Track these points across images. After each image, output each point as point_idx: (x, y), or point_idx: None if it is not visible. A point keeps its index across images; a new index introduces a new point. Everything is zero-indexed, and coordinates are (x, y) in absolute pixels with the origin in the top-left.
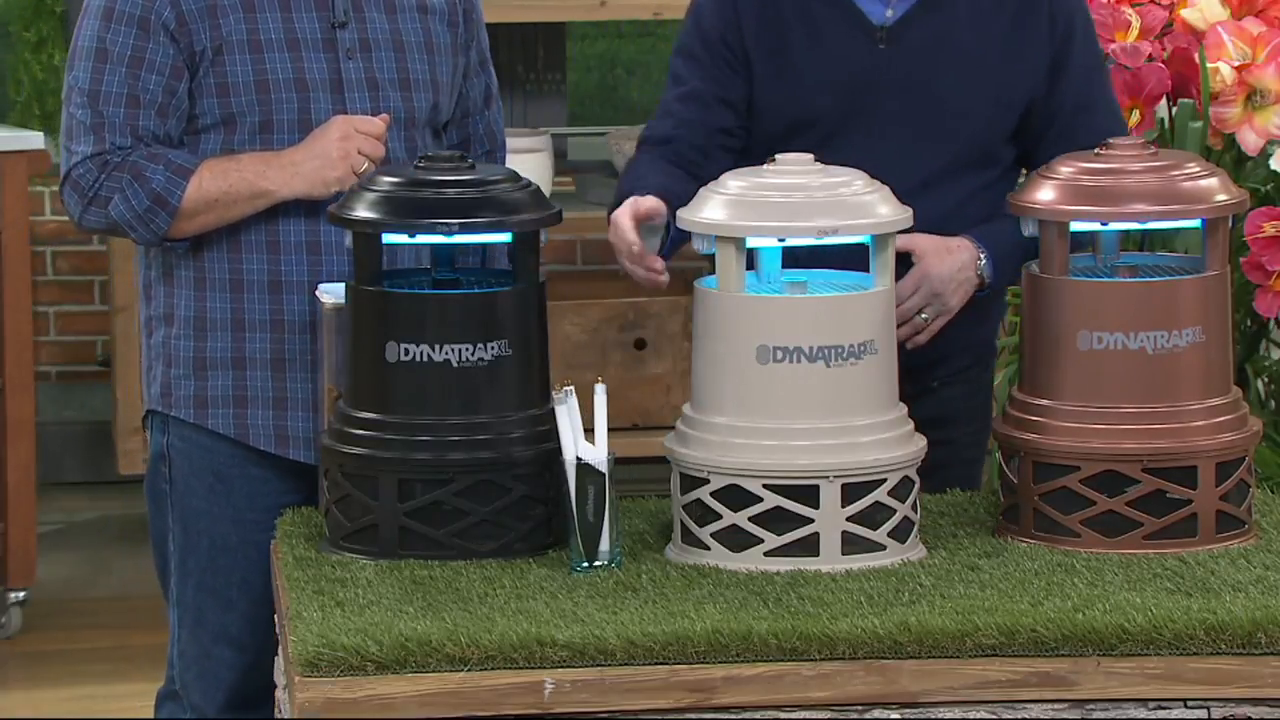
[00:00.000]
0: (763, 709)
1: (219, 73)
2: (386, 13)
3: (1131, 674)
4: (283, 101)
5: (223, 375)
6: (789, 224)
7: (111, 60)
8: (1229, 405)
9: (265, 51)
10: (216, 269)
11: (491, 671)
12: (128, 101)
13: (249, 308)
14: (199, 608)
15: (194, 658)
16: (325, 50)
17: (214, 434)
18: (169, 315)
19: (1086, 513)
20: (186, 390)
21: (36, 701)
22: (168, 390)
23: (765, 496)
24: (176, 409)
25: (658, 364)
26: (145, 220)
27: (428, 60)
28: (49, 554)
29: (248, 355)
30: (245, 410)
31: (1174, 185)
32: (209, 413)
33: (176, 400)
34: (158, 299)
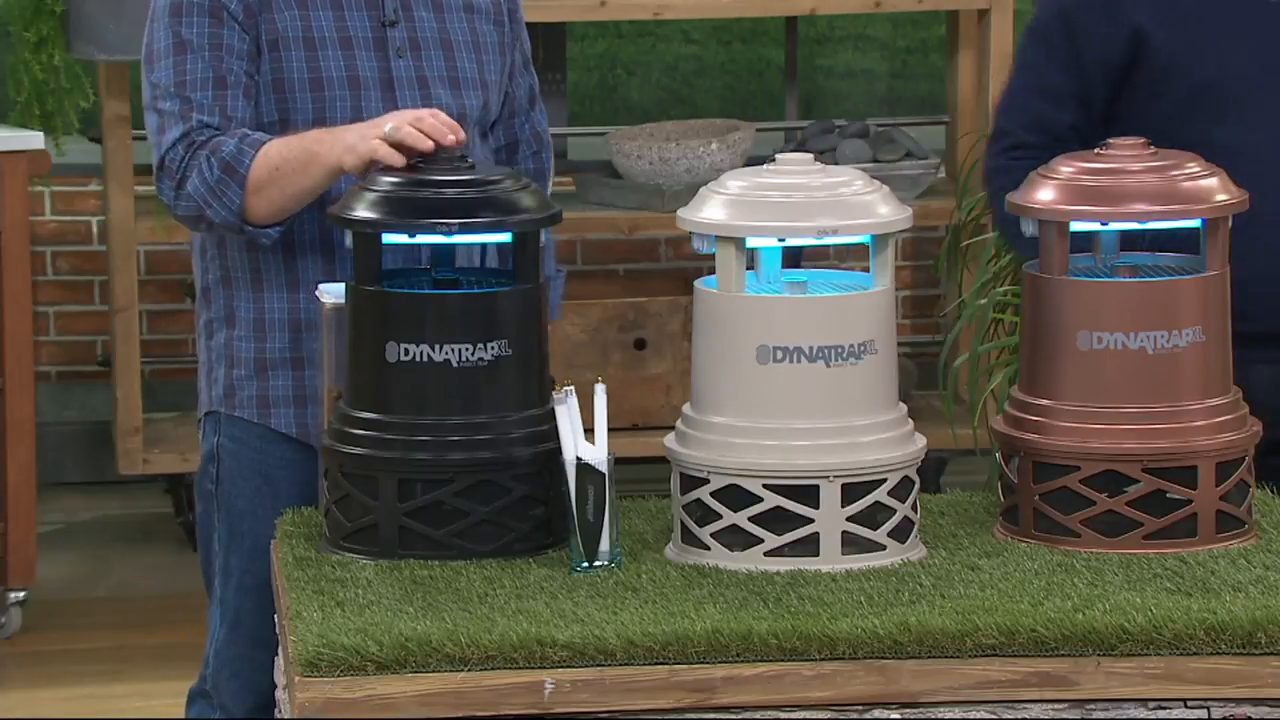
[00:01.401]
0: (763, 709)
1: (275, 68)
2: (434, 12)
3: (1131, 674)
4: (336, 99)
5: (283, 375)
6: (789, 224)
7: (191, 49)
8: (1229, 405)
9: (319, 49)
10: (273, 270)
11: (491, 671)
12: (214, 83)
13: (305, 308)
14: (238, 608)
15: (229, 658)
16: (376, 49)
17: (275, 434)
18: (230, 317)
19: (1086, 513)
20: (249, 391)
21: (36, 701)
22: (231, 391)
23: (765, 496)
24: (241, 409)
25: (658, 364)
26: (218, 193)
27: (476, 59)
28: (49, 554)
29: (306, 354)
30: (305, 409)
31: (1174, 185)
32: (271, 412)
33: (241, 401)
34: (217, 302)
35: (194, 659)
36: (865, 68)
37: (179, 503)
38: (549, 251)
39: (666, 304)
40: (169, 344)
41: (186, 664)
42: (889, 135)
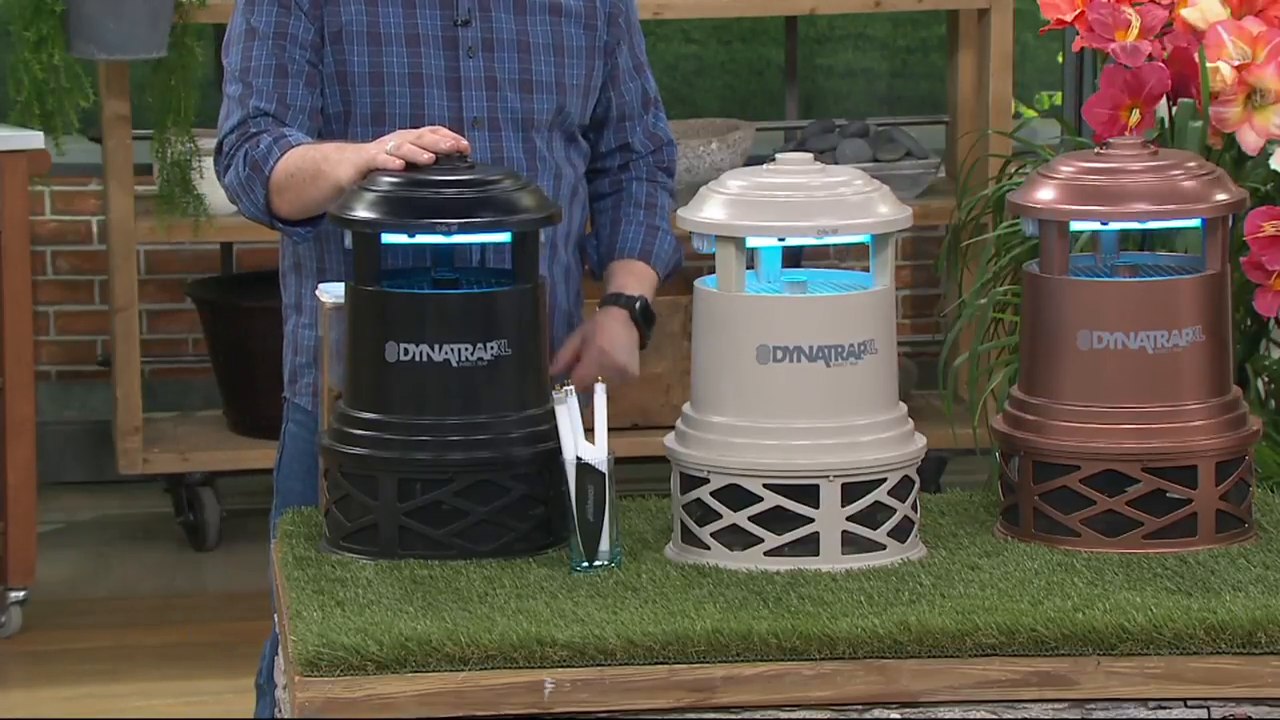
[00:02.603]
0: (763, 709)
1: (338, 60)
2: (515, 13)
3: (1132, 673)
4: (396, 95)
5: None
6: (789, 224)
7: (259, 36)
8: (1229, 404)
9: (384, 45)
10: (332, 259)
11: (491, 671)
12: (276, 71)
13: None
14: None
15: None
16: (445, 47)
17: None
18: (298, 304)
19: (1086, 512)
20: (308, 378)
21: (36, 701)
22: (294, 377)
23: (765, 496)
24: (300, 396)
25: (657, 363)
26: (247, 188)
27: (555, 62)
28: (49, 553)
29: None
30: None
31: (1174, 185)
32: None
33: (300, 388)
34: (289, 289)
35: (195, 658)
36: (865, 67)
37: (179, 502)
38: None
39: (666, 303)
40: (169, 344)
41: (187, 663)
42: (889, 135)
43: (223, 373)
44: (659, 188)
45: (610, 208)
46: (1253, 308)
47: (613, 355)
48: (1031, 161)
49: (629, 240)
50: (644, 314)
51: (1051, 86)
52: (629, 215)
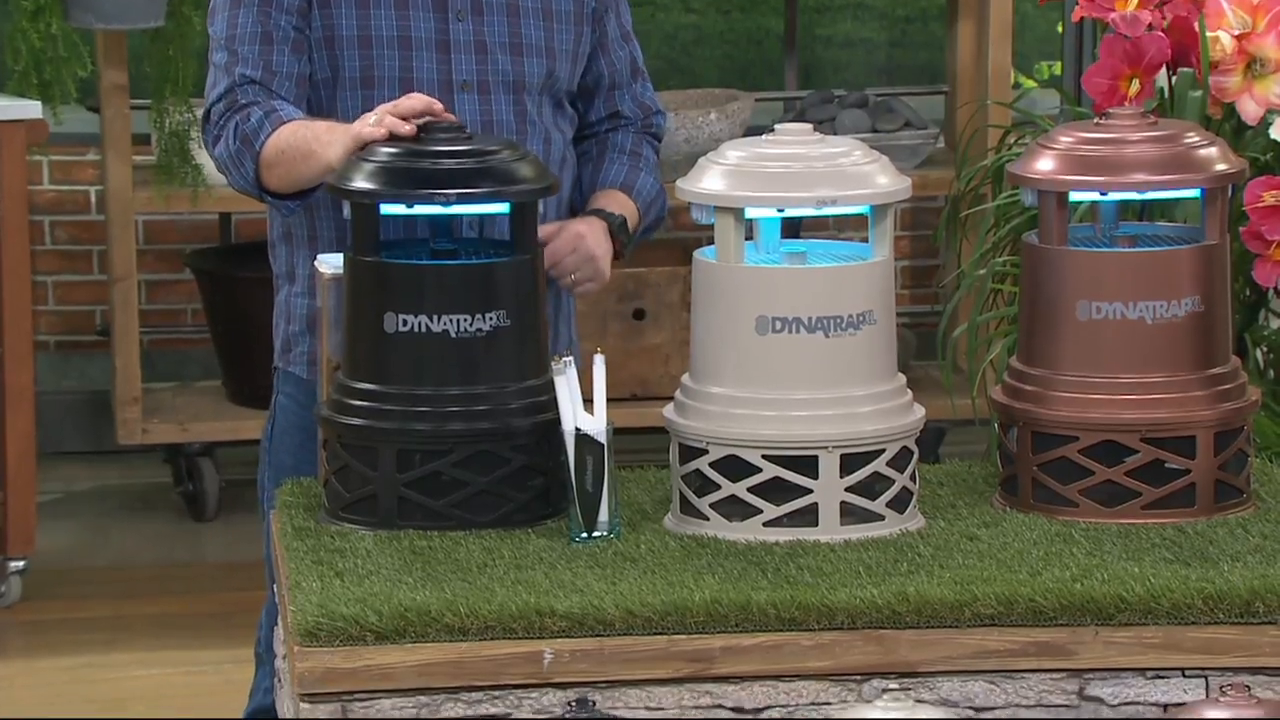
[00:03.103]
0: (761, 679)
1: (326, 24)
2: None
3: (1130, 643)
4: (384, 58)
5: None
6: (788, 194)
7: (244, 4)
8: (1228, 375)
9: (371, 7)
10: (324, 227)
11: (491, 641)
12: (261, 39)
13: None
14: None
15: (277, 616)
16: (434, 10)
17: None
18: (290, 273)
19: (1085, 483)
20: (302, 346)
21: (35, 670)
22: (287, 346)
23: (764, 467)
24: (294, 365)
25: (656, 334)
26: (236, 162)
27: (544, 26)
28: (48, 523)
29: None
30: None
31: (1174, 155)
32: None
33: (294, 357)
34: (280, 258)
35: (193, 628)
36: (864, 37)
37: (178, 472)
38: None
39: (665, 274)
40: (167, 314)
41: (185, 633)
42: (888, 105)
43: (221, 343)
44: (644, 141)
45: (595, 155)
46: (1252, 278)
47: (588, 242)
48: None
49: (611, 175)
50: (622, 230)
51: (1051, 56)
52: (612, 157)
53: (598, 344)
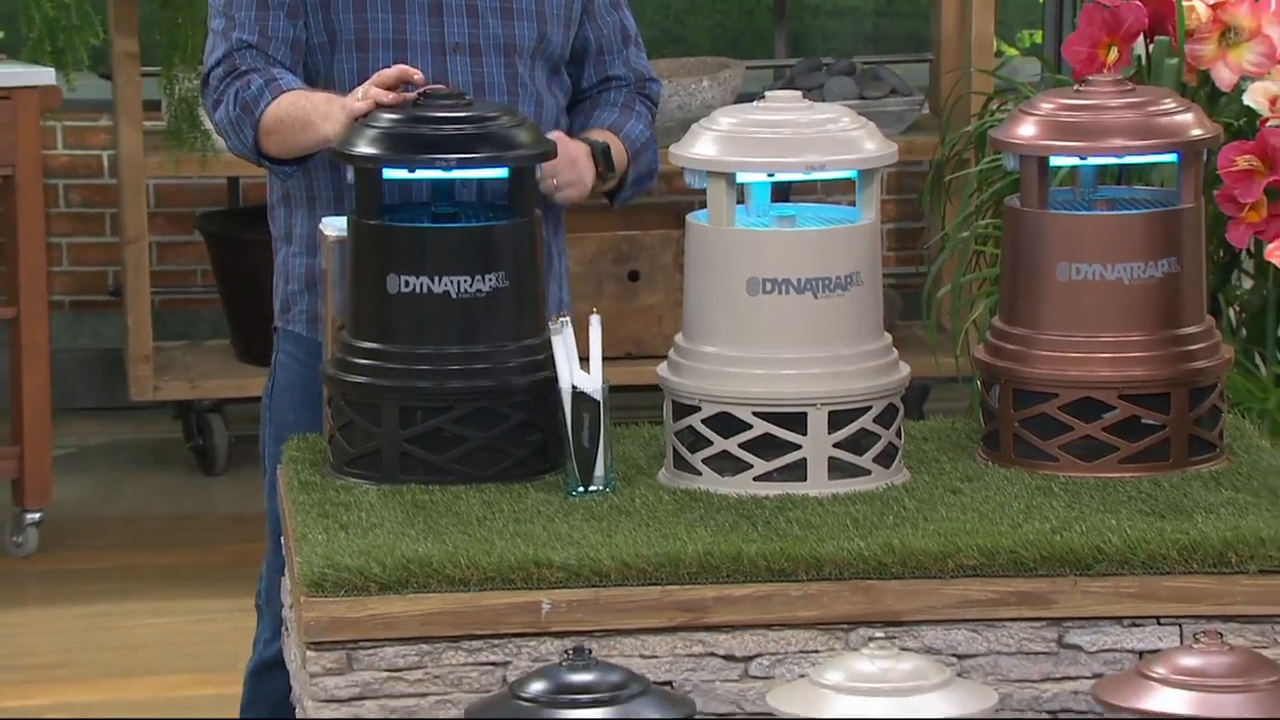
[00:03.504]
0: (752, 628)
1: None
2: None
3: (1107, 593)
4: (378, 21)
5: None
6: (778, 159)
7: None
8: (1202, 333)
9: None
10: (321, 188)
11: (490, 592)
12: (257, 5)
13: None
14: (281, 519)
15: (276, 568)
16: None
17: (319, 345)
18: (288, 235)
19: (1064, 438)
20: (301, 305)
21: (52, 617)
22: (286, 306)
23: (755, 423)
24: (293, 324)
25: (650, 295)
26: (236, 127)
27: None
28: (63, 476)
29: None
30: None
31: (1150, 120)
32: (320, 326)
33: (293, 315)
34: (278, 221)
35: (202, 578)
36: (852, 6)
37: (188, 428)
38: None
39: (659, 237)
40: (178, 275)
41: (195, 583)
42: (875, 73)
43: (230, 303)
44: (638, 99)
45: (586, 110)
46: (1225, 239)
47: (570, 147)
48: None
49: (598, 120)
50: (605, 156)
51: (1032, 25)
52: (603, 108)
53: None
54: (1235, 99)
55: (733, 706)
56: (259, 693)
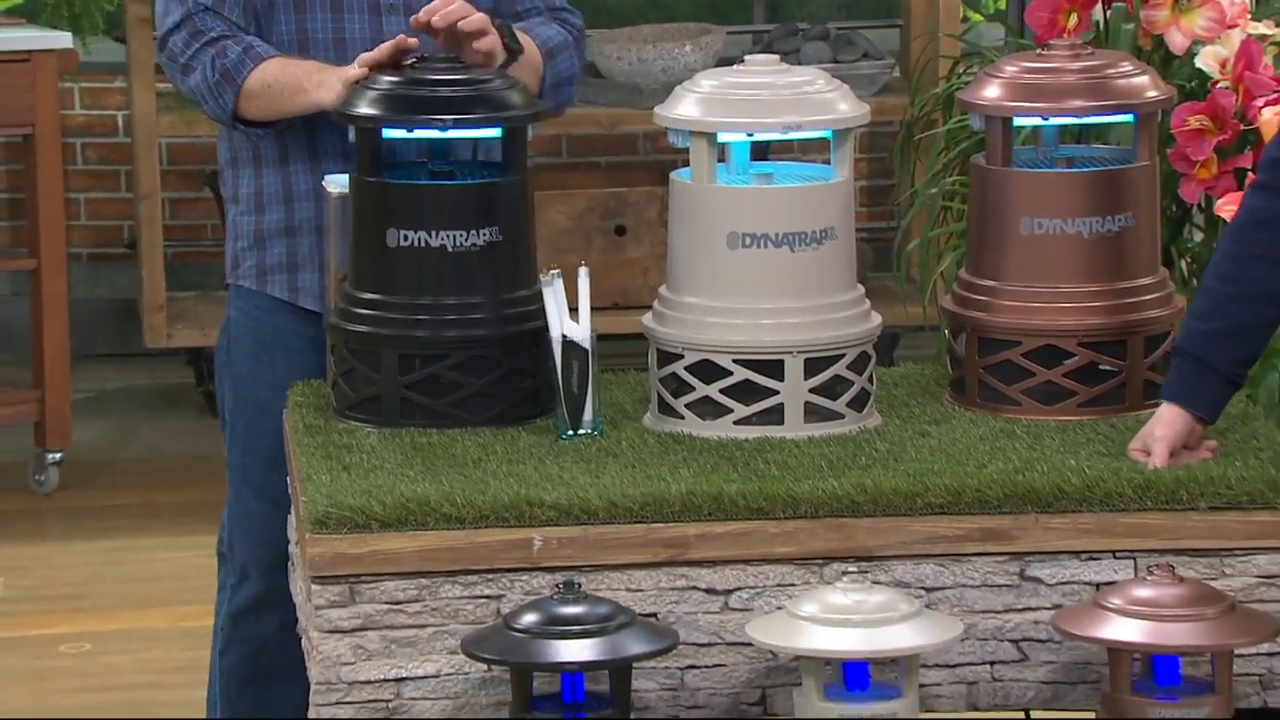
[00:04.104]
0: (732, 563)
1: None
2: None
3: (1066, 529)
4: None
5: (278, 244)
6: (757, 120)
7: None
8: (1157, 284)
9: None
10: (268, 148)
11: (485, 529)
12: None
13: (296, 180)
14: (245, 468)
15: (241, 515)
16: None
17: (272, 300)
18: (235, 195)
19: (1027, 383)
20: (250, 261)
21: (72, 552)
22: (236, 262)
23: (735, 370)
24: (244, 279)
25: (636, 248)
26: (215, 93)
27: None
28: (82, 419)
29: (296, 224)
30: (296, 274)
31: (1108, 83)
32: (268, 280)
33: (243, 271)
34: (227, 182)
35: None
36: None
37: (199, 373)
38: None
39: (645, 194)
40: (189, 229)
41: (208, 519)
42: (848, 38)
43: None
44: (552, 20)
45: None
46: (1178, 195)
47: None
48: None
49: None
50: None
51: None
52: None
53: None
54: (1187, 62)
55: (714, 637)
56: (233, 638)
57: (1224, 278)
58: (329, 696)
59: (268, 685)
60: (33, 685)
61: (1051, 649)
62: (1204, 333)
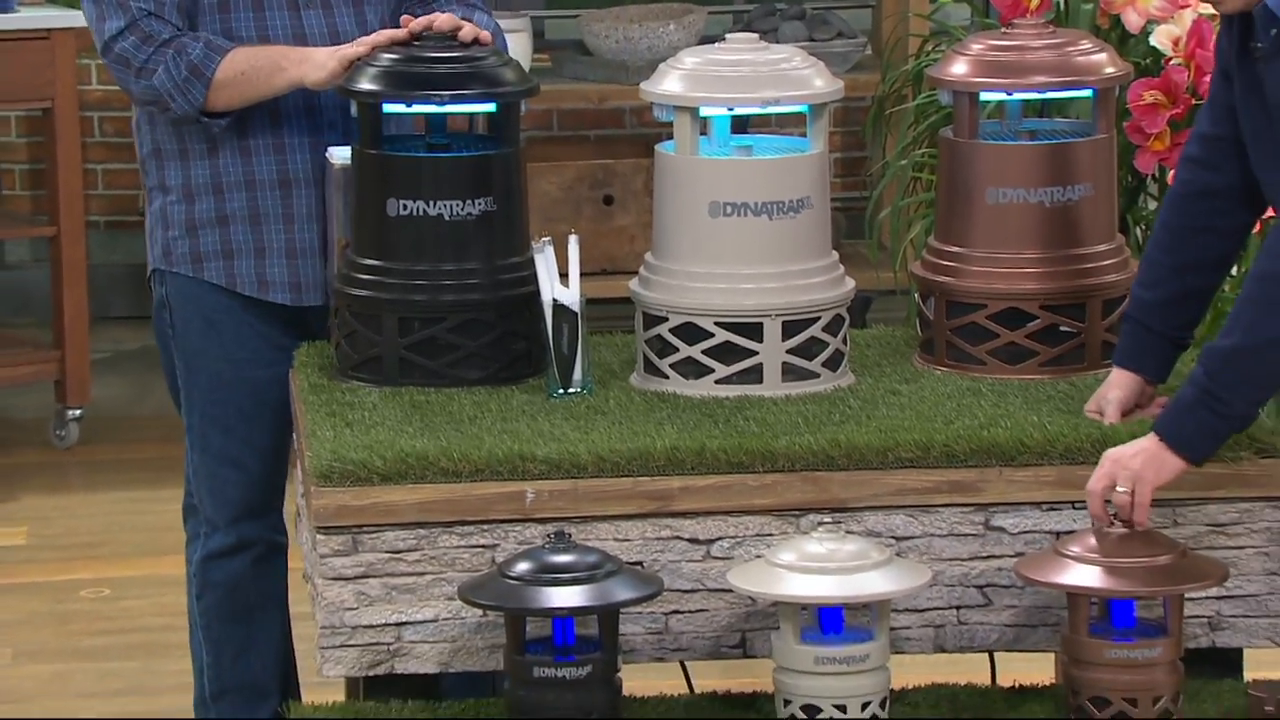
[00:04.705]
0: (714, 514)
1: None
2: None
3: (1028, 481)
4: None
5: (210, 233)
6: (737, 95)
7: None
8: (1114, 250)
9: None
10: (195, 141)
11: (480, 483)
12: None
13: (225, 171)
14: (204, 434)
15: (204, 476)
16: None
17: (208, 284)
18: (163, 185)
19: (992, 344)
20: (182, 249)
21: (93, 502)
22: (168, 250)
23: (716, 332)
24: (177, 266)
25: (623, 217)
26: (184, 90)
27: None
28: (101, 378)
29: (229, 213)
30: (232, 262)
31: (1069, 60)
32: (203, 266)
33: (176, 258)
34: (151, 173)
35: None
36: None
37: None
38: None
39: (631, 165)
40: None
41: None
42: (823, 17)
43: None
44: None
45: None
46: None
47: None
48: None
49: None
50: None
51: None
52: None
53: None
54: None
55: (696, 584)
56: (208, 581)
57: (1163, 248)
58: (334, 639)
59: (248, 618)
60: (55, 628)
61: (1014, 594)
62: (1148, 301)
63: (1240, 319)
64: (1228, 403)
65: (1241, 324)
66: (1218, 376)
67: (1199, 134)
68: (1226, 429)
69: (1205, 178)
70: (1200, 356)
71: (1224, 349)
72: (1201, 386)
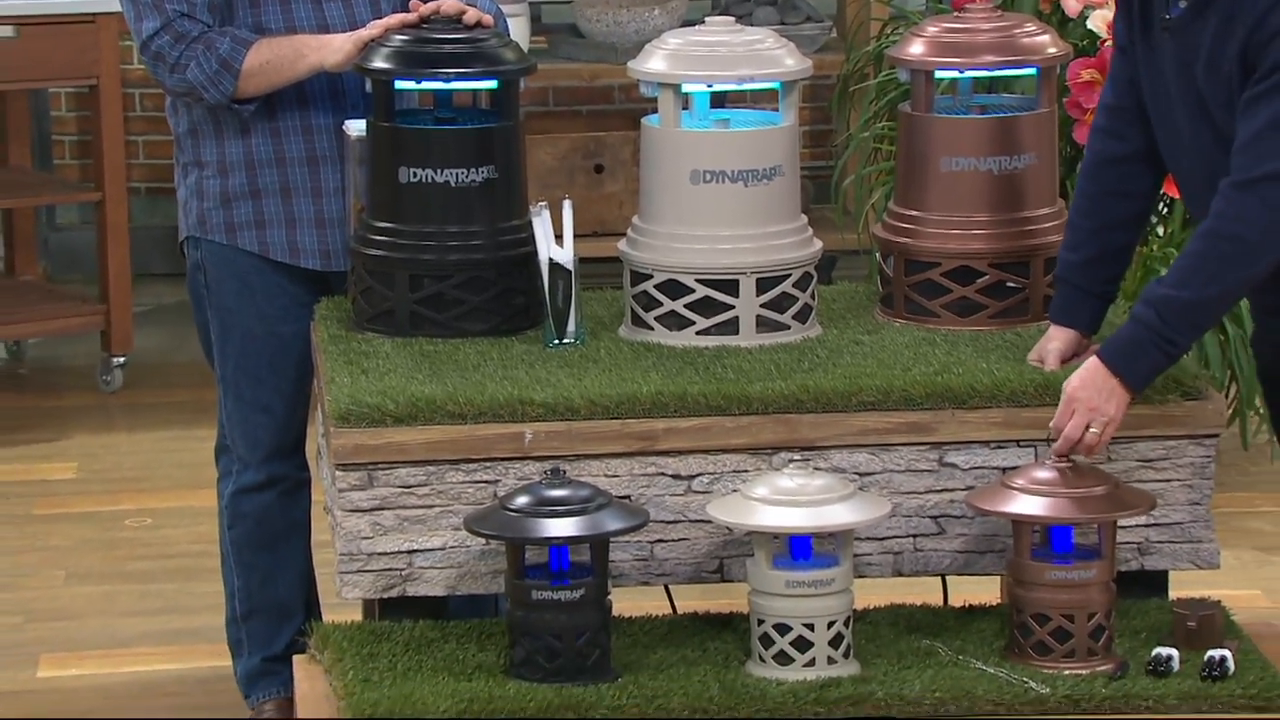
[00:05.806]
0: (695, 453)
1: None
2: None
3: (979, 422)
4: None
5: (244, 205)
6: (716, 73)
7: None
8: (1055, 214)
9: None
10: (228, 119)
11: (483, 424)
12: None
13: (258, 148)
14: (237, 383)
15: (237, 421)
16: None
17: (242, 252)
18: (199, 161)
19: (945, 299)
20: (218, 219)
21: (136, 440)
22: (203, 220)
23: (697, 288)
24: (212, 234)
25: (613, 184)
26: (215, 81)
27: None
28: (143, 328)
29: (261, 187)
30: (265, 231)
31: (1015, 41)
32: (237, 235)
33: (211, 227)
34: (187, 149)
35: None
36: None
37: None
38: None
39: (620, 137)
40: None
41: None
42: (793, 3)
43: None
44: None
45: None
46: (1072, 137)
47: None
48: (904, 24)
49: None
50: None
51: None
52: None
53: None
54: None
55: (679, 516)
56: (239, 513)
57: (1083, 213)
58: (351, 565)
59: (274, 546)
60: (103, 554)
61: (965, 523)
62: (1074, 262)
63: (1196, 273)
64: (1179, 344)
65: (1198, 278)
66: (1173, 323)
67: (1104, 105)
68: (1169, 365)
69: (1113, 146)
70: (1149, 300)
71: (1180, 300)
72: (1156, 331)
